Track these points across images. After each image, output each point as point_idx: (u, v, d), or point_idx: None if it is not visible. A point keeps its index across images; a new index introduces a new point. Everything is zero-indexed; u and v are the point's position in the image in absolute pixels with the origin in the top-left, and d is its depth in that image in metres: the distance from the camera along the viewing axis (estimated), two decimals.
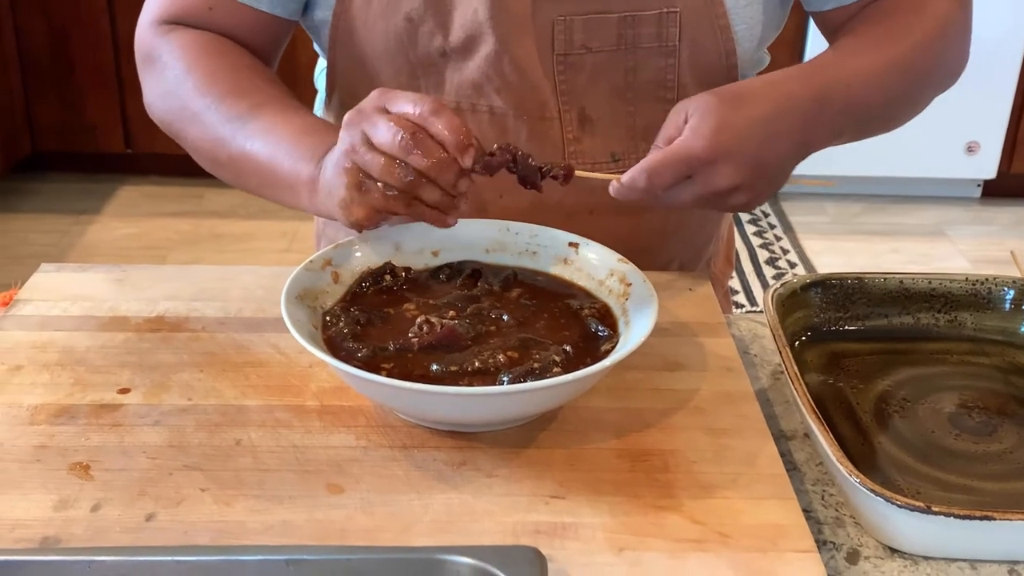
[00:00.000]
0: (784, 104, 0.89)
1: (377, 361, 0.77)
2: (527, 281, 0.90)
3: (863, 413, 0.84)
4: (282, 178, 0.90)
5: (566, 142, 1.01)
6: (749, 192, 0.87)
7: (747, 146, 0.85)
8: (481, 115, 1.00)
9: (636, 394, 0.82)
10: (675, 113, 0.88)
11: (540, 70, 0.98)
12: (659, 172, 0.84)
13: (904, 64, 0.97)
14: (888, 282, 0.94)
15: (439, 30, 0.98)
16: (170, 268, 1.00)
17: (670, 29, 0.98)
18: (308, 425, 0.78)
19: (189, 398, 0.80)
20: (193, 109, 0.94)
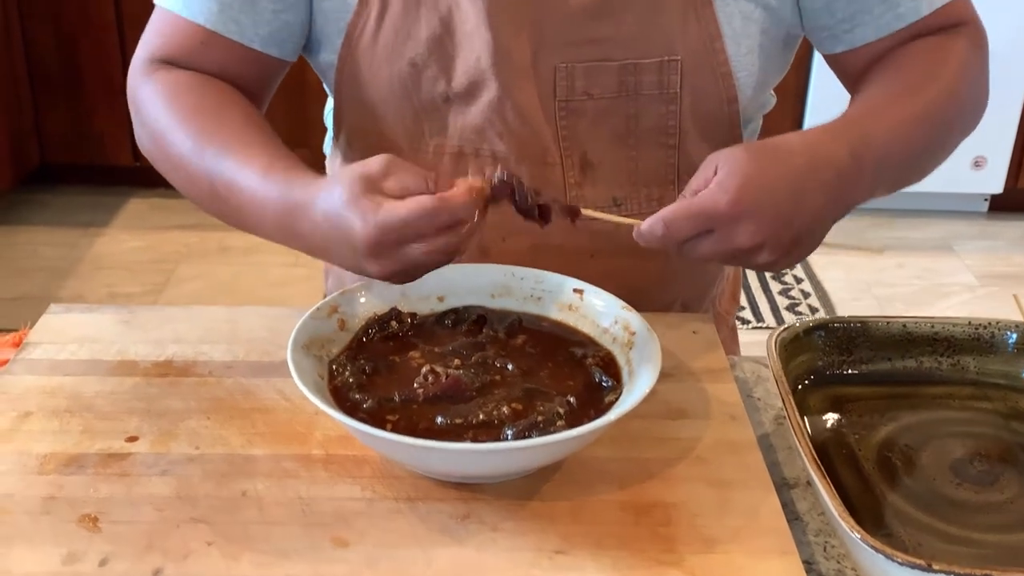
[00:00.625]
0: (818, 160, 0.86)
1: (382, 412, 0.78)
2: (531, 327, 0.90)
3: (865, 461, 0.84)
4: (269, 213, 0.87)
5: (568, 187, 1.02)
6: (776, 252, 0.84)
7: (773, 203, 0.82)
8: (484, 159, 1.01)
9: (640, 443, 0.83)
10: (707, 165, 0.85)
11: (542, 116, 0.99)
12: (677, 223, 0.82)
13: (933, 114, 0.97)
14: (891, 326, 0.94)
15: (442, 75, 0.98)
16: (176, 309, 1.01)
17: (671, 77, 0.98)
18: (314, 475, 0.78)
19: (196, 446, 0.81)
20: (175, 150, 0.94)
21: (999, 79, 3.54)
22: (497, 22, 0.96)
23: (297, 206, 0.84)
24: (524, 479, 0.78)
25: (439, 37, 0.98)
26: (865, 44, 1.02)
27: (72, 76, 3.29)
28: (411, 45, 0.98)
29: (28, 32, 3.23)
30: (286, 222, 0.85)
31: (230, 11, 0.97)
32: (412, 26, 0.98)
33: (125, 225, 3.29)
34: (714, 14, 0.97)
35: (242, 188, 0.88)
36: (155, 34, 1.01)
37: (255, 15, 0.98)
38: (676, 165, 1.02)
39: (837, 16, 1.01)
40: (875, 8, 1.00)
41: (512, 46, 0.97)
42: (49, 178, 3.45)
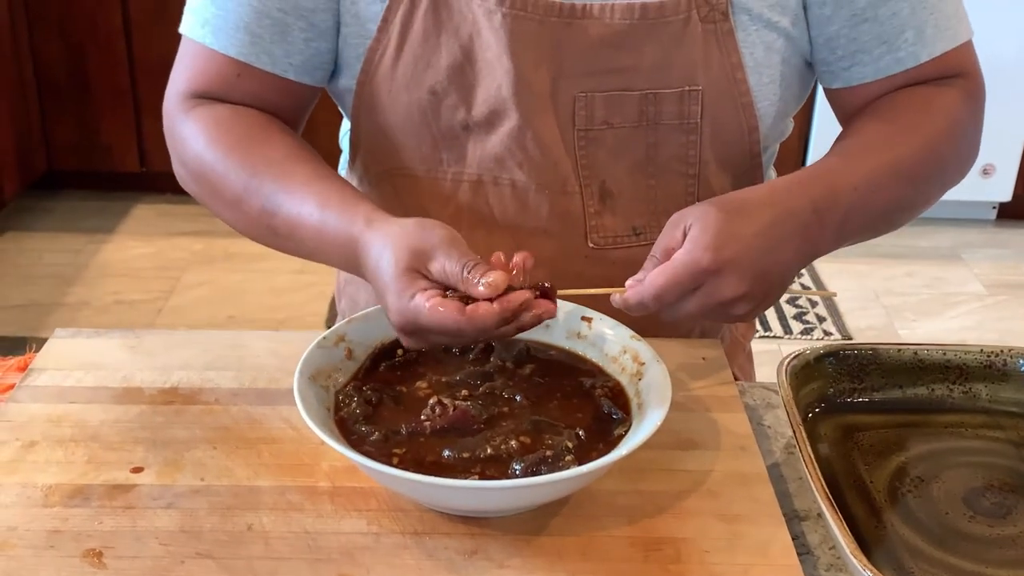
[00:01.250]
0: (782, 213, 0.87)
1: (389, 446, 0.77)
2: (539, 356, 0.89)
3: (876, 492, 0.83)
4: (333, 239, 0.88)
5: (587, 216, 1.01)
6: (752, 301, 0.85)
7: (751, 255, 0.84)
8: (503, 188, 1.01)
9: (649, 475, 0.82)
10: (672, 226, 0.86)
11: (562, 145, 0.99)
12: (668, 291, 0.82)
13: (909, 167, 0.96)
14: (902, 353, 0.93)
15: (462, 104, 0.98)
16: (183, 334, 1.00)
17: (692, 107, 0.97)
18: (320, 508, 0.78)
19: (202, 478, 0.81)
20: (226, 190, 0.94)
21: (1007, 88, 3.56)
22: (519, 51, 0.95)
23: (358, 246, 0.85)
24: (532, 513, 0.77)
25: (460, 65, 0.97)
26: (861, 84, 1.01)
27: (79, 83, 3.29)
28: (431, 73, 0.97)
29: (36, 39, 3.23)
30: (351, 257, 0.87)
31: (262, 43, 0.97)
32: (432, 54, 0.97)
33: (131, 232, 3.29)
34: (736, 44, 0.96)
35: (302, 225, 0.90)
36: (188, 67, 1.00)
37: (287, 45, 0.97)
38: (696, 194, 1.02)
39: (837, 53, 1.00)
40: (875, 50, 0.99)
41: (533, 75, 0.96)
42: (56, 184, 3.45)
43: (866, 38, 0.98)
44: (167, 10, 3.08)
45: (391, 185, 1.05)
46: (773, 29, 0.97)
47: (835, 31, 0.98)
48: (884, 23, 0.97)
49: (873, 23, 0.97)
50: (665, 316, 0.86)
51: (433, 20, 0.96)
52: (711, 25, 0.96)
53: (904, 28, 0.98)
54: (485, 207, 1.02)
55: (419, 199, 1.03)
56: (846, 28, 0.98)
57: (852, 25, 0.98)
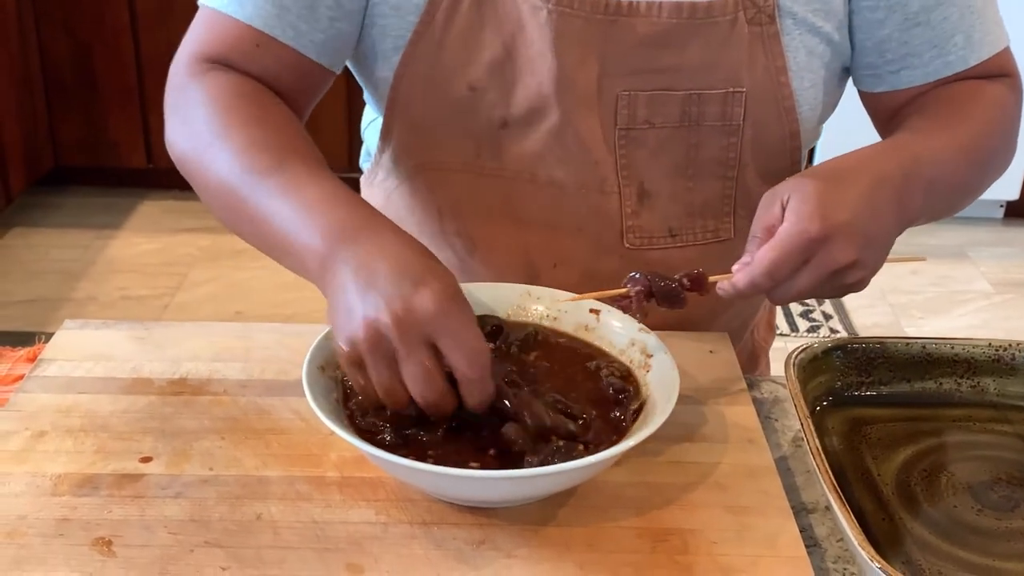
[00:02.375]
0: (878, 177, 0.86)
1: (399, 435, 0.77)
2: (547, 341, 0.89)
3: (884, 486, 0.83)
4: (293, 246, 0.83)
5: (624, 216, 1.01)
6: (863, 268, 0.83)
7: (857, 219, 0.82)
8: (540, 186, 1.00)
9: (657, 467, 0.82)
10: (768, 203, 0.84)
11: (603, 144, 0.98)
12: (780, 266, 0.81)
13: (971, 148, 0.97)
14: (911, 347, 0.93)
15: (501, 101, 0.97)
16: (191, 325, 1.00)
17: (735, 109, 0.97)
18: (328, 498, 0.78)
19: (210, 468, 0.81)
20: (213, 154, 0.91)
21: None
22: (563, 48, 0.95)
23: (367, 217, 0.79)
24: (539, 503, 0.78)
25: (501, 61, 0.96)
26: (909, 87, 1.02)
27: (86, 80, 3.29)
28: (472, 69, 0.96)
29: (43, 36, 3.24)
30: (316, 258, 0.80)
31: (288, 15, 0.94)
32: (474, 49, 0.96)
33: (138, 228, 3.30)
34: (781, 47, 0.96)
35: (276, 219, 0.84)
36: (205, 33, 0.96)
37: (313, 21, 0.95)
38: (733, 197, 1.02)
39: (886, 56, 1.00)
40: (925, 54, 0.99)
41: (577, 73, 0.96)
42: (63, 180, 3.46)
43: (917, 42, 0.99)
44: (174, 7, 3.09)
45: (423, 179, 1.04)
46: (817, 34, 0.97)
47: (886, 35, 0.99)
48: (936, 27, 0.98)
49: (925, 27, 0.98)
50: (776, 296, 0.84)
51: (477, 15, 0.95)
52: (757, 27, 0.95)
53: (954, 32, 0.99)
54: (520, 204, 1.01)
55: (452, 195, 1.03)
56: (898, 32, 0.98)
57: (904, 29, 0.98)
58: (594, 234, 1.01)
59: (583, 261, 1.02)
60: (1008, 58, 1.04)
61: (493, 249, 1.04)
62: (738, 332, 1.15)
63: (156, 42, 3.20)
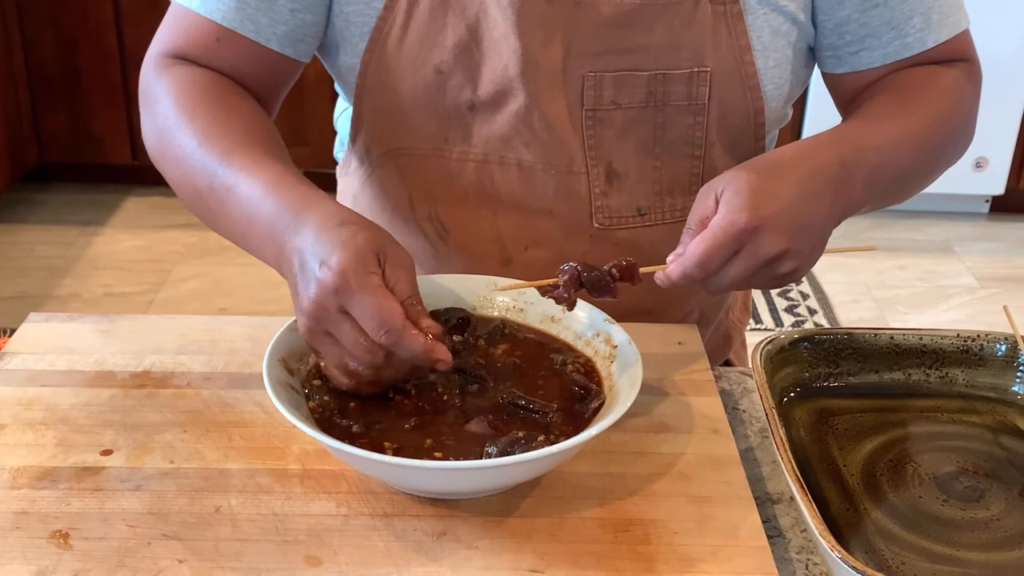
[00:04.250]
0: (813, 168, 0.87)
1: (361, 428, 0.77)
2: (514, 334, 0.90)
3: (850, 476, 0.83)
4: (249, 238, 0.86)
5: (593, 196, 1.01)
6: (795, 258, 0.85)
7: (787, 211, 0.83)
8: (509, 168, 1.01)
9: (620, 458, 0.82)
10: (704, 196, 0.85)
11: (569, 125, 0.99)
12: (710, 257, 0.82)
13: (921, 136, 0.97)
14: (879, 338, 0.93)
15: (468, 84, 0.98)
16: (156, 318, 1.00)
17: (700, 88, 0.98)
18: (289, 491, 0.77)
19: (171, 460, 0.80)
20: (174, 146, 0.92)
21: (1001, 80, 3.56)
22: (527, 30, 0.95)
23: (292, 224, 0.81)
24: (502, 495, 0.77)
25: (466, 44, 0.97)
26: (868, 69, 1.02)
27: (70, 75, 3.28)
28: (437, 52, 0.97)
29: (27, 31, 3.23)
30: (275, 232, 0.82)
31: (247, 8, 0.95)
32: (438, 33, 0.97)
33: (122, 224, 3.28)
34: (745, 26, 0.97)
35: (240, 196, 0.86)
36: (170, 29, 0.99)
37: (272, 14, 0.96)
38: (701, 175, 1.02)
39: (846, 38, 1.01)
40: (884, 35, 1.00)
41: (541, 55, 0.96)
42: (47, 177, 3.45)
43: (876, 23, 0.99)
44: (158, 1, 3.07)
45: (394, 165, 1.04)
46: (780, 13, 0.98)
47: (846, 16, 0.99)
48: (894, 8, 0.99)
49: (884, 8, 0.99)
50: (710, 287, 0.85)
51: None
52: (720, 7, 0.96)
53: (912, 14, 0.99)
54: (491, 187, 1.02)
55: (424, 180, 1.03)
56: (857, 13, 0.99)
57: (863, 10, 0.99)
58: (564, 215, 1.02)
59: (554, 243, 1.03)
60: (967, 41, 1.04)
61: (465, 234, 1.04)
62: (712, 313, 1.15)
63: (141, 37, 3.19)
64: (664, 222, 1.04)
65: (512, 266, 1.03)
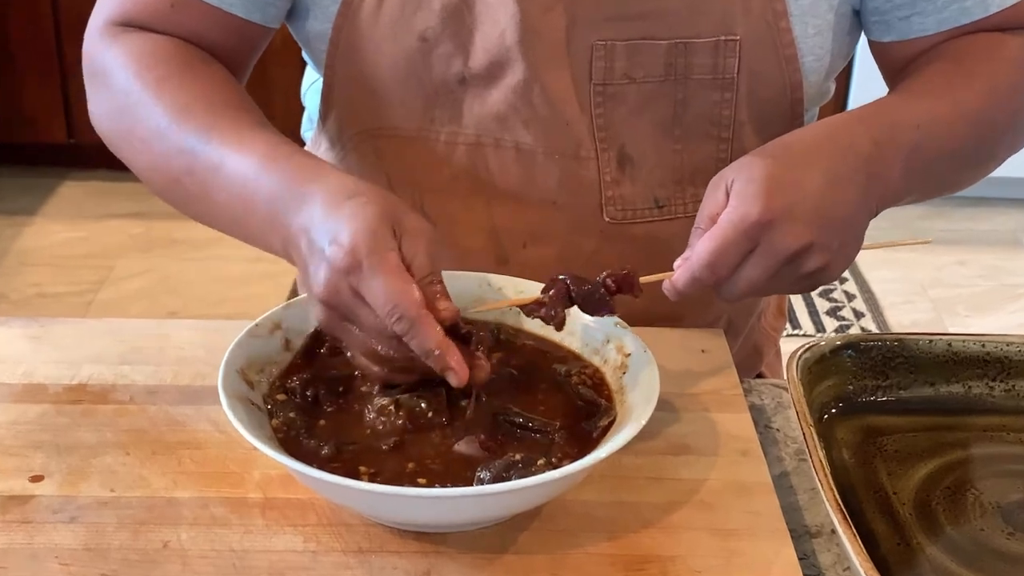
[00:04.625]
0: (839, 149, 0.86)
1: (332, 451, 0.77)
2: (511, 341, 0.90)
3: (901, 505, 0.83)
4: (256, 209, 0.85)
5: (603, 185, 1.01)
6: (824, 252, 0.84)
7: (809, 199, 0.83)
8: (505, 152, 1.01)
9: (633, 484, 0.82)
10: (713, 188, 0.85)
11: (575, 102, 0.99)
12: (720, 256, 0.81)
13: (975, 113, 0.97)
14: (934, 344, 0.93)
15: (458, 53, 0.98)
16: (95, 322, 1.00)
17: (728, 59, 0.98)
18: (249, 523, 0.78)
19: (111, 488, 0.81)
20: (142, 122, 0.93)
21: None
22: None
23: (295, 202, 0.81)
24: (496, 527, 0.77)
25: (456, 8, 0.97)
26: (920, 36, 1.01)
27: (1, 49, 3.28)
28: (422, 16, 0.97)
29: None
30: (278, 215, 0.83)
31: None
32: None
33: (57, 213, 3.28)
34: None
35: (231, 173, 0.87)
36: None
37: None
38: (728, 161, 1.01)
39: (895, 1, 1.00)
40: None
41: (543, 21, 0.96)
42: None
43: None
44: None
45: (372, 148, 1.04)
46: None
47: None
48: None
49: None
50: (726, 293, 0.85)
51: None
52: None
53: None
54: (484, 174, 1.02)
55: (406, 165, 1.03)
56: None
57: None
58: (569, 207, 1.02)
59: (558, 239, 1.03)
60: None
61: (454, 229, 1.04)
62: (742, 319, 1.15)
63: (77, 5, 3.19)
64: (686, 215, 1.04)
65: (509, 266, 1.03)
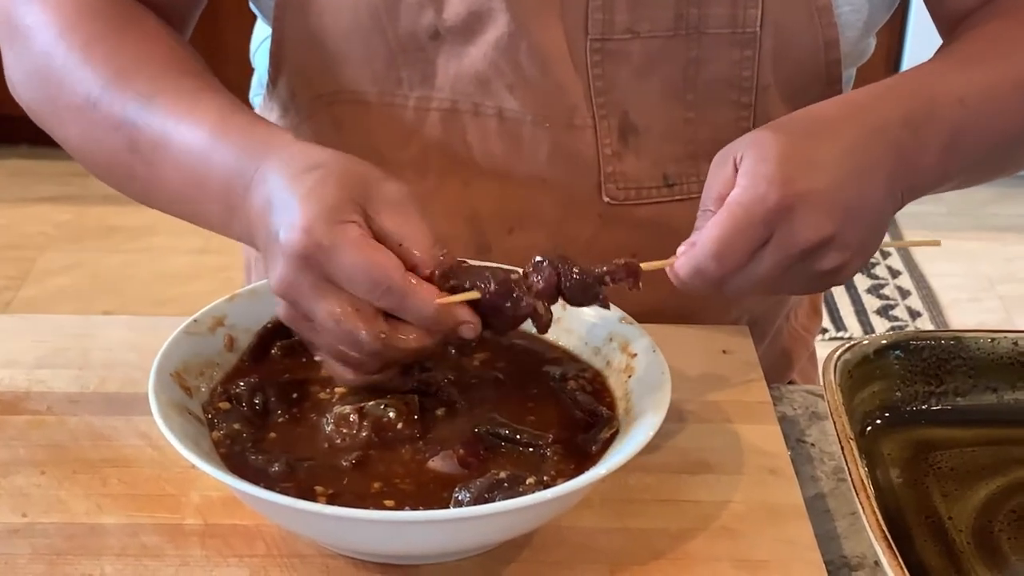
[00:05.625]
0: (867, 130, 0.87)
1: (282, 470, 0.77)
2: (496, 340, 0.89)
3: (957, 532, 0.83)
4: (211, 190, 0.86)
5: (603, 159, 1.02)
6: (843, 249, 0.84)
7: (828, 182, 0.83)
8: (486, 120, 1.01)
9: (641, 508, 0.82)
10: (719, 165, 0.86)
11: (569, 61, 0.99)
12: (730, 245, 0.81)
13: None
14: (998, 344, 0.94)
15: (430, 3, 0.98)
16: (7, 319, 1.01)
17: (749, 10, 0.98)
18: (186, 554, 0.78)
19: (24, 514, 0.81)
20: (71, 87, 0.93)
21: None
22: None
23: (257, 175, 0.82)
24: (478, 558, 0.78)
25: None
26: None
27: None
28: None
29: None
30: (235, 192, 0.83)
31: None
32: None
33: None
34: None
35: (179, 144, 0.87)
36: None
37: None
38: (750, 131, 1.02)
39: None
40: None
41: None
42: None
43: None
44: None
45: (330, 116, 1.05)
46: None
47: None
48: None
49: None
50: (732, 287, 0.84)
51: None
52: None
53: None
54: (461, 146, 1.02)
55: (370, 134, 1.04)
56: None
57: None
58: (562, 184, 1.02)
59: (549, 223, 1.03)
60: None
61: (427, 210, 1.04)
62: (767, 317, 1.16)
63: None
64: (699, 195, 1.03)
65: (491, 254, 1.02)
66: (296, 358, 0.87)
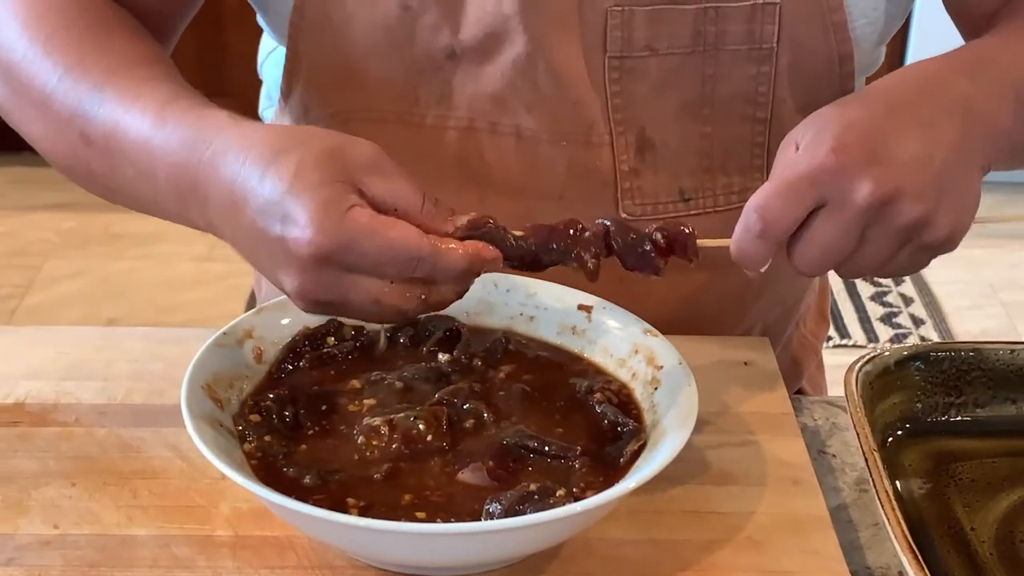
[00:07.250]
0: (929, 86, 0.86)
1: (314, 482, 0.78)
2: (522, 352, 0.90)
3: (980, 544, 0.84)
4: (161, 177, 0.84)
5: (620, 176, 1.02)
6: (923, 200, 0.81)
7: (891, 140, 0.82)
8: (504, 138, 1.01)
9: (668, 520, 0.82)
10: (784, 147, 0.85)
11: (587, 79, 0.99)
12: (775, 199, 0.79)
13: None
14: (1017, 355, 0.94)
15: (446, 23, 0.98)
16: (32, 331, 1.01)
17: (766, 26, 0.98)
18: (217, 565, 0.78)
19: (55, 525, 0.81)
20: (32, 86, 0.92)
21: None
22: None
23: (206, 158, 0.80)
24: (507, 570, 0.78)
25: None
26: None
27: None
28: None
29: None
30: (185, 179, 0.82)
31: None
32: None
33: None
34: None
35: (127, 133, 0.86)
36: None
37: None
38: (766, 146, 1.02)
39: None
40: None
41: None
42: None
43: None
44: None
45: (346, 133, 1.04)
46: None
47: None
48: None
49: None
50: (799, 259, 0.82)
51: None
52: None
53: None
54: (478, 163, 1.02)
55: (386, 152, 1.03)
56: None
57: None
58: (579, 200, 1.02)
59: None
60: None
61: None
62: (779, 325, 1.16)
63: None
64: (716, 209, 1.04)
65: None
66: (324, 370, 0.87)
